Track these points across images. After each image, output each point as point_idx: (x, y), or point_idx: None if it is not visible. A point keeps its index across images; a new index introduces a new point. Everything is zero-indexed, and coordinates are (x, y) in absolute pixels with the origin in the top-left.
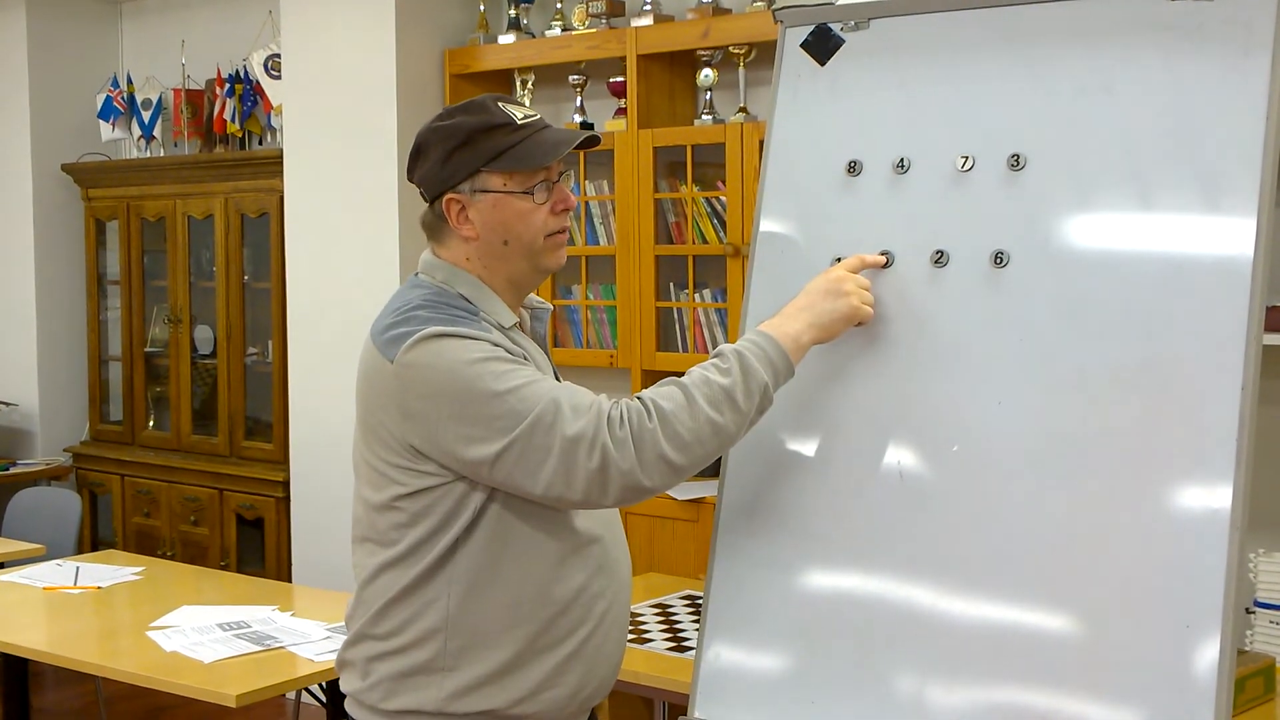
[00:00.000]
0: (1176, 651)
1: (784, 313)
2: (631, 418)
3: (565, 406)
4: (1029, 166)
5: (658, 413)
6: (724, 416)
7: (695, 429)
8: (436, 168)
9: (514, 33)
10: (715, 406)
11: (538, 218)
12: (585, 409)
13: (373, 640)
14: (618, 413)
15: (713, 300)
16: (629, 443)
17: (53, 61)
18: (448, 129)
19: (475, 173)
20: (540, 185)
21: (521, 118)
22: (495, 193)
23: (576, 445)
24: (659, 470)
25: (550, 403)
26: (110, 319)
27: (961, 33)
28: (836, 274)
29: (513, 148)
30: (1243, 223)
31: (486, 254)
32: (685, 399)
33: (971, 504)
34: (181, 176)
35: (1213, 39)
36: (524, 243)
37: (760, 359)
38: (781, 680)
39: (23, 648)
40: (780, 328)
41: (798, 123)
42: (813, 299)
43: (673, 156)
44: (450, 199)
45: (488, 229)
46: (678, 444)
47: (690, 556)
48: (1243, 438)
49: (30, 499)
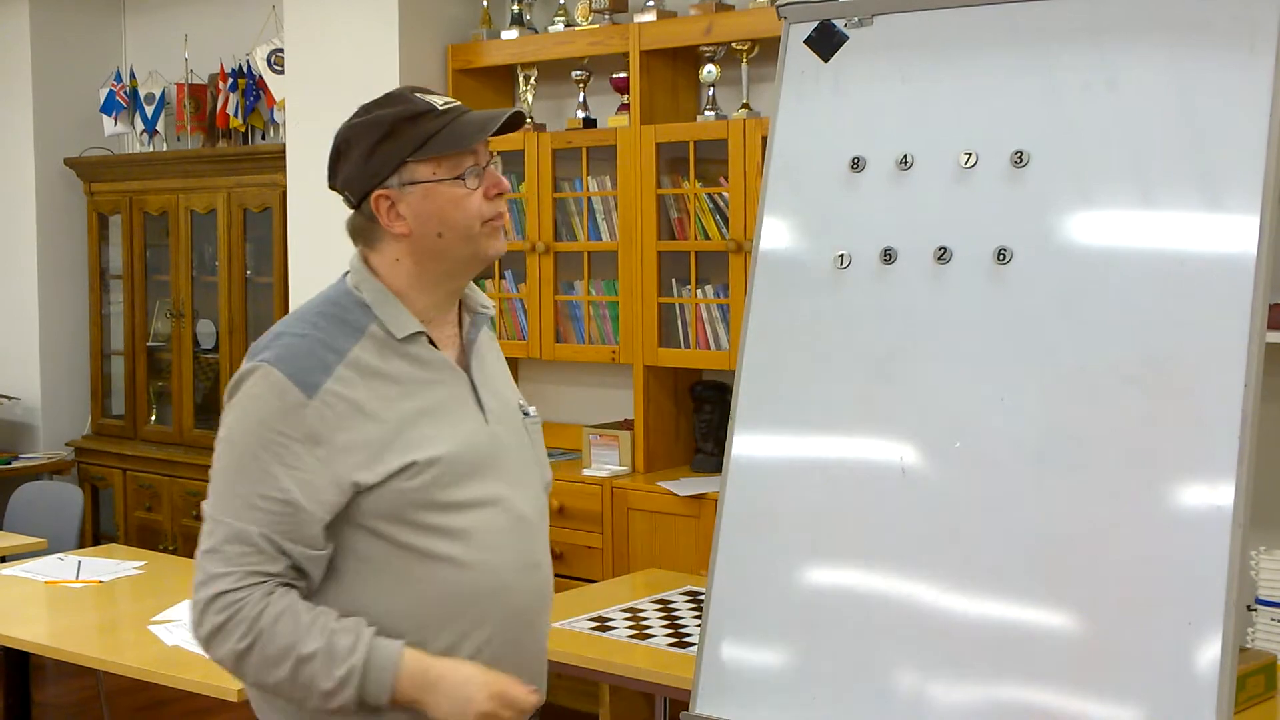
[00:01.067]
0: (1178, 649)
1: (430, 676)
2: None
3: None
4: (1032, 163)
5: (250, 648)
6: (293, 698)
7: (262, 684)
8: (360, 165)
9: (517, 28)
10: (294, 687)
11: (472, 203)
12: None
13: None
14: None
15: (715, 296)
16: (206, 627)
17: (56, 55)
18: (368, 123)
19: (402, 164)
20: (470, 170)
21: (442, 104)
22: (425, 182)
23: (195, 568)
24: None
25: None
26: (112, 313)
27: (965, 29)
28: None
29: (437, 133)
30: (1246, 220)
31: (421, 250)
32: (283, 659)
33: (974, 500)
34: (184, 171)
35: (1218, 36)
36: (459, 231)
37: (364, 694)
38: (783, 676)
39: (24, 641)
40: (404, 685)
41: (801, 119)
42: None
43: (675, 152)
44: (379, 195)
45: (420, 222)
46: (239, 672)
47: (692, 552)
48: (1245, 435)
49: (32, 493)
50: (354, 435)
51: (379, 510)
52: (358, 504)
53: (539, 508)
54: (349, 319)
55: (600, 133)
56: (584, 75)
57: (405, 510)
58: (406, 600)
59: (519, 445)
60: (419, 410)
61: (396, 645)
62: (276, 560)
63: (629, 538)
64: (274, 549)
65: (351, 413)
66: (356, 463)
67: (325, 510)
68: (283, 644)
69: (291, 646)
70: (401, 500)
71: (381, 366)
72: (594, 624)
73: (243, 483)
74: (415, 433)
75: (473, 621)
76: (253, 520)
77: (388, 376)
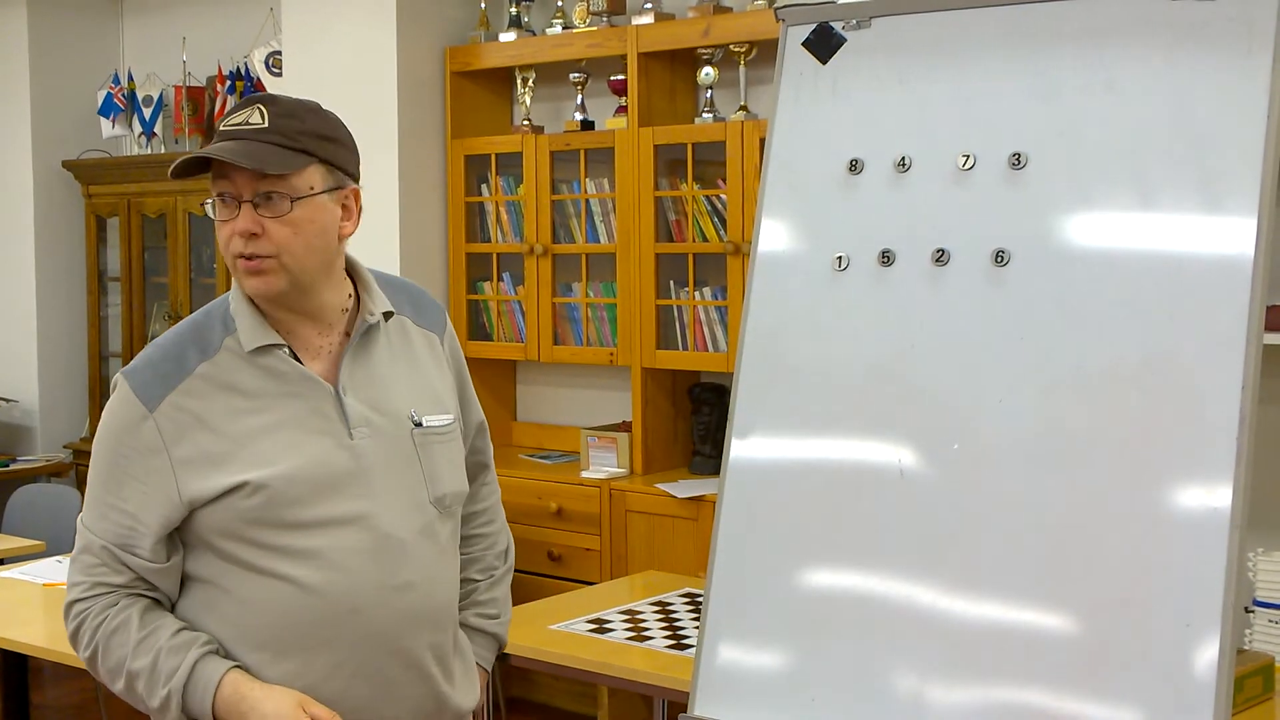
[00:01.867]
0: (1176, 650)
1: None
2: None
3: (78, 548)
4: (1030, 165)
5: (93, 658)
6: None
7: (114, 689)
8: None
9: (515, 30)
10: (132, 698)
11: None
12: (85, 569)
13: None
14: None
15: (713, 298)
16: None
17: (54, 58)
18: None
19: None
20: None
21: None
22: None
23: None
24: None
25: (80, 527)
26: (111, 315)
27: (963, 31)
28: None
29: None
30: (1243, 222)
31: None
32: (118, 673)
33: (972, 502)
34: None
35: (1215, 38)
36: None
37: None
38: (781, 678)
39: (22, 644)
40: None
41: (799, 121)
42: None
43: (673, 154)
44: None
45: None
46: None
47: (690, 554)
48: (1242, 437)
49: (30, 495)
50: (192, 449)
51: (216, 527)
52: (197, 519)
53: (416, 525)
54: (212, 329)
55: (598, 135)
56: (582, 77)
57: (242, 529)
58: (248, 621)
59: (394, 460)
60: (264, 426)
61: (220, 669)
62: (120, 572)
63: (627, 540)
64: (116, 561)
65: (193, 425)
66: (191, 477)
67: (160, 524)
68: (116, 659)
69: (122, 662)
70: (236, 519)
71: (234, 380)
72: (592, 626)
73: (99, 492)
74: (254, 449)
75: (321, 644)
76: (101, 531)
77: (239, 390)
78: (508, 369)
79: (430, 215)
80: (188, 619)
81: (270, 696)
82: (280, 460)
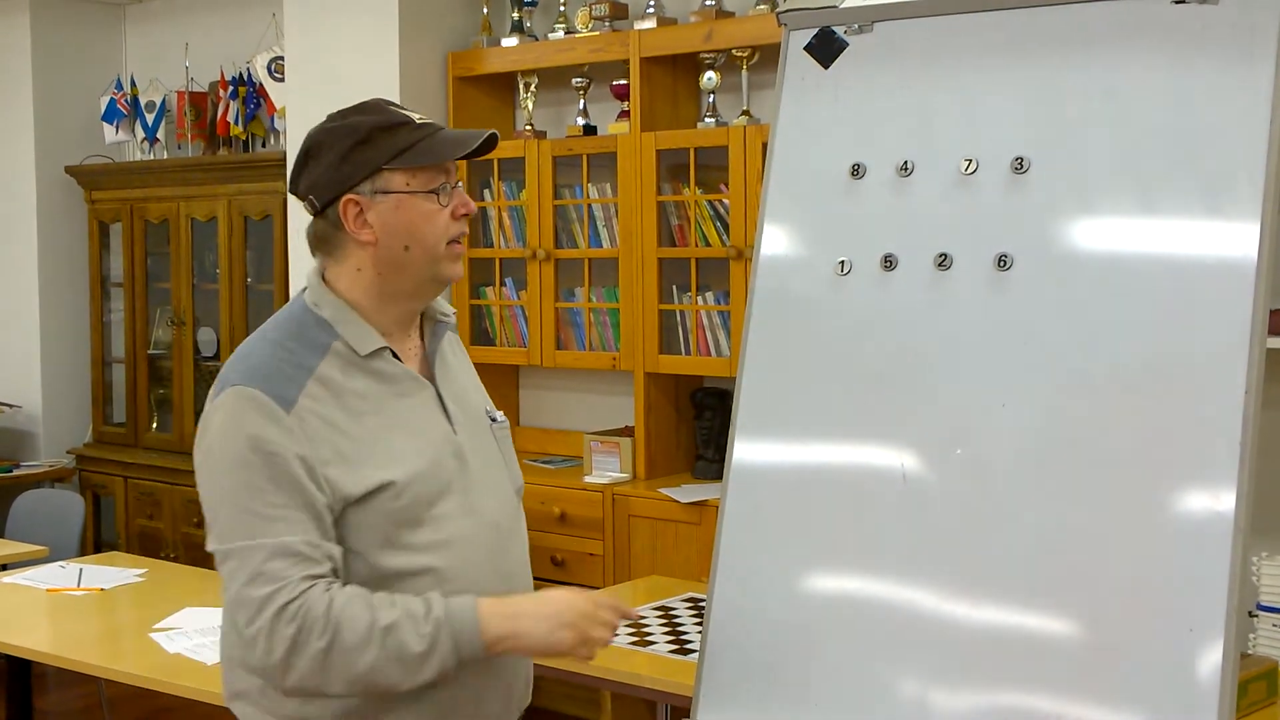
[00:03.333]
0: (1179, 655)
1: (513, 609)
2: (303, 622)
3: (249, 570)
4: (1032, 170)
5: (333, 636)
6: (390, 678)
7: (357, 676)
8: (332, 169)
9: (517, 35)
10: (391, 662)
11: (440, 220)
12: (265, 579)
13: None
14: (295, 608)
15: (715, 303)
16: (282, 645)
17: (56, 64)
18: (345, 128)
19: (377, 171)
20: (443, 187)
21: (419, 118)
22: (397, 193)
23: (241, 605)
24: (299, 686)
25: (252, 548)
26: (113, 321)
27: (965, 36)
28: (583, 606)
29: (415, 144)
30: (1246, 227)
31: (384, 262)
32: (369, 640)
33: (975, 507)
34: (185, 179)
35: (1217, 42)
36: (426, 247)
37: (453, 648)
38: (785, 683)
39: (26, 649)
40: (495, 624)
41: (801, 125)
42: (542, 616)
43: (675, 159)
44: (348, 200)
45: (388, 233)
46: (330, 676)
47: (693, 559)
48: (1246, 441)
49: (33, 501)
50: (329, 450)
51: (361, 525)
52: (345, 520)
53: (510, 514)
54: (312, 336)
55: (601, 140)
56: (584, 82)
57: (389, 529)
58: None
59: (487, 453)
60: (384, 426)
61: (469, 597)
62: (321, 563)
63: (630, 545)
64: (318, 552)
65: (324, 427)
66: (338, 476)
67: (326, 516)
68: (362, 625)
69: (371, 623)
70: (384, 519)
71: (347, 384)
72: None
73: (255, 502)
74: (383, 450)
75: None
76: (285, 531)
77: (355, 393)
78: (510, 374)
79: None
80: None
81: (545, 595)
82: (410, 459)
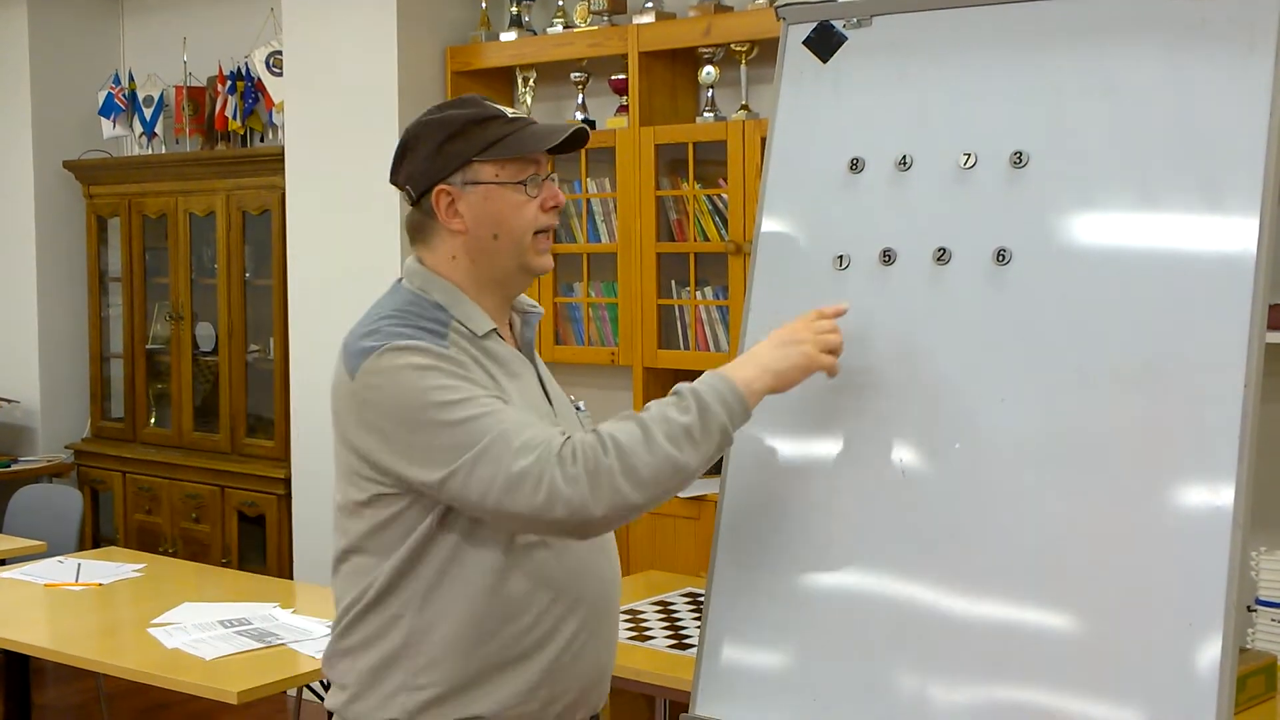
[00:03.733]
0: (1178, 649)
1: (739, 359)
2: (586, 454)
3: (514, 441)
4: (1031, 164)
5: (615, 448)
6: (683, 453)
7: (654, 465)
8: (427, 160)
9: (515, 30)
10: (674, 443)
11: (528, 211)
12: (534, 445)
13: (344, 654)
14: (569, 450)
15: (714, 298)
16: (581, 479)
17: (54, 58)
18: (440, 121)
19: (468, 163)
20: (532, 178)
21: (511, 113)
22: (487, 184)
23: (521, 480)
24: (612, 505)
25: (499, 435)
26: (112, 316)
27: (964, 30)
28: (793, 324)
29: (505, 137)
30: (1245, 221)
31: (474, 249)
32: (644, 435)
33: (974, 502)
34: (183, 174)
35: (1216, 37)
36: (514, 237)
37: (717, 399)
38: (783, 678)
39: (24, 644)
40: (735, 371)
41: (800, 120)
42: (768, 347)
43: (674, 154)
44: (440, 190)
45: (477, 222)
46: (634, 480)
47: (692, 554)
48: (1245, 435)
49: (31, 496)
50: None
51: None
52: None
53: None
54: (431, 316)
55: (599, 134)
56: (583, 77)
57: None
58: (514, 583)
59: None
60: (513, 398)
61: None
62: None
63: (628, 539)
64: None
65: (481, 375)
66: None
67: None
68: (632, 429)
69: (637, 424)
70: None
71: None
72: None
73: (469, 409)
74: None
75: (572, 601)
76: (509, 411)
77: (482, 368)
78: None
79: None
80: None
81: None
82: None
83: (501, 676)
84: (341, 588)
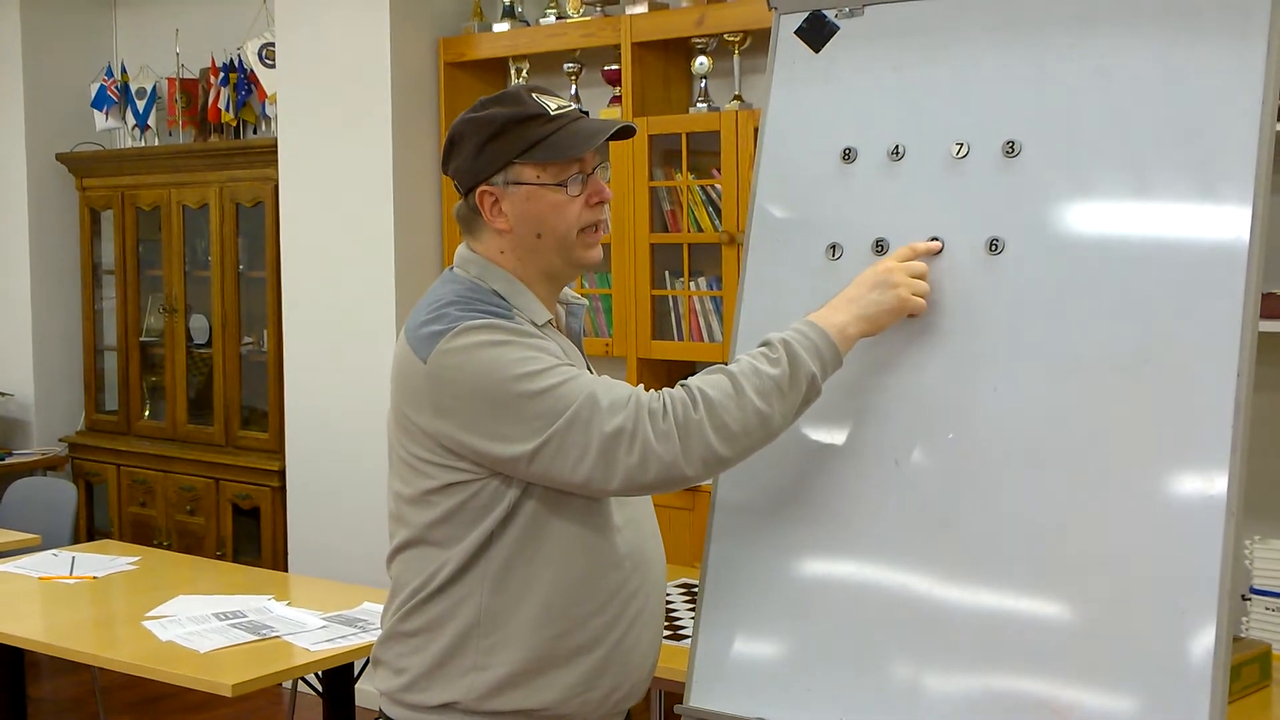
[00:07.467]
0: (1172, 638)
1: (831, 304)
2: (676, 409)
3: (603, 401)
4: (1024, 153)
5: (704, 402)
6: (771, 407)
7: (743, 419)
8: (470, 160)
9: (508, 21)
10: (763, 397)
11: (571, 210)
12: (623, 403)
13: (405, 637)
14: (660, 404)
15: (708, 288)
16: (673, 435)
17: (47, 50)
18: (481, 120)
19: (508, 164)
20: (574, 178)
21: (555, 109)
22: (528, 185)
23: (616, 440)
24: (703, 461)
25: (588, 398)
26: (105, 308)
27: (956, 18)
28: (885, 265)
29: (545, 139)
30: (1238, 209)
31: (520, 247)
32: (733, 388)
33: (967, 490)
34: (176, 166)
35: (1210, 24)
36: (557, 236)
37: (808, 349)
38: (777, 668)
39: (19, 638)
40: (827, 318)
41: (792, 110)
42: (860, 290)
43: (668, 144)
44: (483, 191)
45: (520, 221)
46: (724, 435)
47: (686, 545)
48: (1238, 424)
49: (26, 489)
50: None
51: None
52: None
53: None
54: (493, 303)
55: None
56: (576, 68)
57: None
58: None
59: None
60: None
61: (812, 326)
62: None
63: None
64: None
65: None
66: None
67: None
68: (720, 382)
69: (730, 375)
70: None
71: None
72: None
73: (550, 377)
74: None
75: (636, 587)
76: (592, 376)
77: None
78: None
79: (425, 207)
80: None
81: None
82: None
83: (569, 663)
84: (403, 572)
